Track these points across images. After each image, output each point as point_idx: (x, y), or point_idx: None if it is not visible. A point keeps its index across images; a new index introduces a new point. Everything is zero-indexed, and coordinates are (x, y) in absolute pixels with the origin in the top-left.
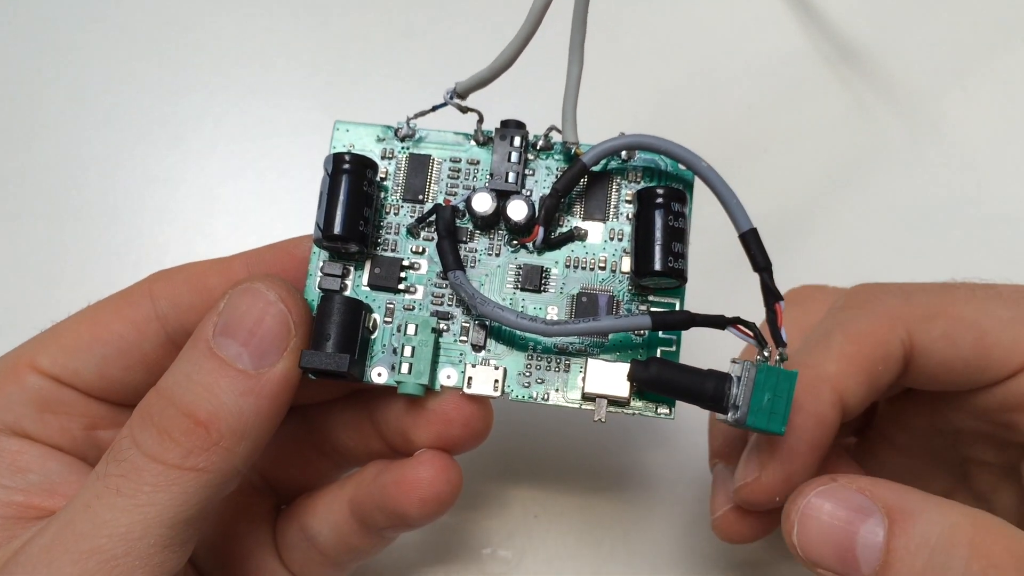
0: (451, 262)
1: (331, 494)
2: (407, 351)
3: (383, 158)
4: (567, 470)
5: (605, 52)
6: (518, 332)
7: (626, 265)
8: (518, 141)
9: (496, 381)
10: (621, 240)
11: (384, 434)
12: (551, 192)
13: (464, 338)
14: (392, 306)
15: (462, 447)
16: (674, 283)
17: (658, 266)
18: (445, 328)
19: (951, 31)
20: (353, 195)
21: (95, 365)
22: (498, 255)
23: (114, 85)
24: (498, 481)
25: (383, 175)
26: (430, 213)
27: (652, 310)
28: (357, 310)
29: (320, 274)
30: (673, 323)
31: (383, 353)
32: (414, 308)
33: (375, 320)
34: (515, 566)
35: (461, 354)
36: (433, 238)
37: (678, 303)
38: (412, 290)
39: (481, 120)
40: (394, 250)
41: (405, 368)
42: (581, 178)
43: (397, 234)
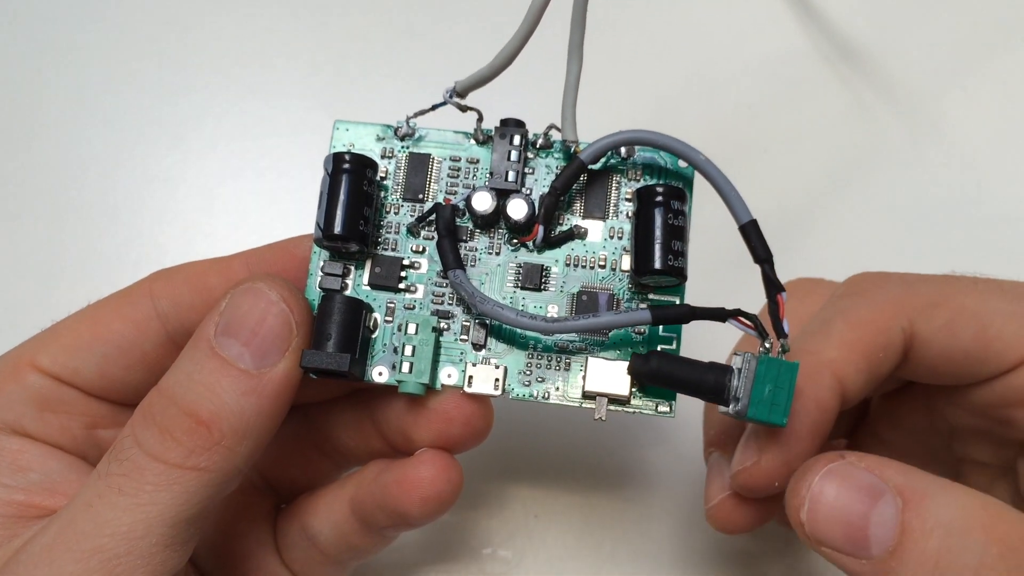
0: (451, 261)
1: (332, 493)
2: (408, 350)
3: (383, 157)
4: (567, 469)
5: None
6: (518, 331)
7: (626, 263)
8: (518, 140)
9: (497, 380)
10: (621, 238)
11: (385, 433)
12: (550, 190)
13: (465, 337)
14: (393, 305)
15: (463, 446)
16: (674, 281)
17: (658, 264)
18: (446, 327)
19: (951, 31)
20: (353, 195)
21: (96, 364)
22: (498, 254)
23: (114, 85)
24: (498, 480)
25: (383, 174)
26: (430, 212)
27: (652, 305)
28: (358, 309)
29: (321, 273)
30: (673, 317)
31: (384, 352)
32: (415, 307)
33: (376, 319)
34: (515, 566)
35: (462, 353)
36: (433, 237)
37: (678, 301)
38: (412, 289)
39: (481, 119)
40: (394, 249)
41: (406, 367)
42: (580, 176)
43: (397, 233)
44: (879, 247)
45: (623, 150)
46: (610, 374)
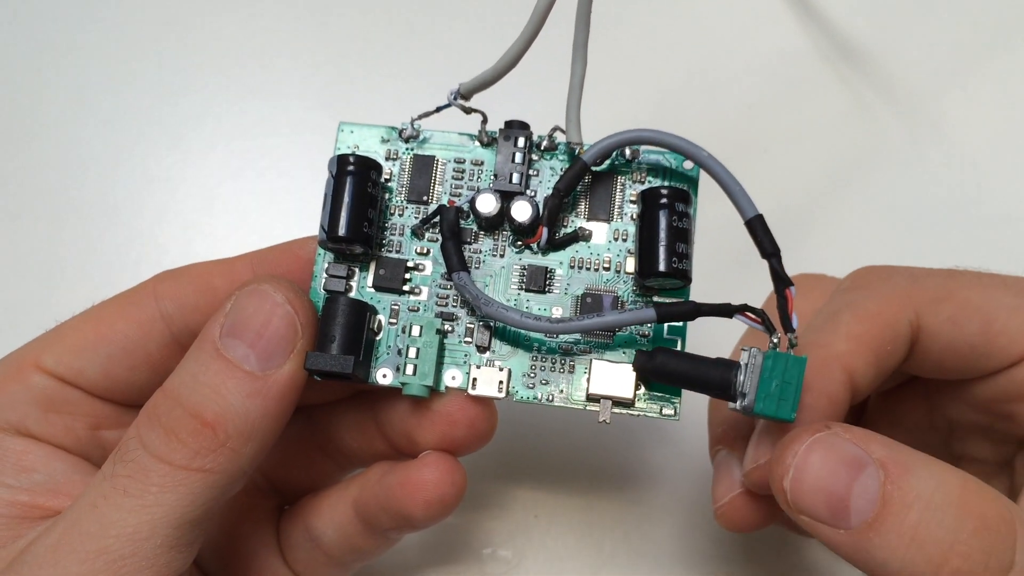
0: (455, 263)
1: (335, 495)
2: (412, 352)
3: (387, 159)
4: (567, 470)
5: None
6: (523, 333)
7: (630, 266)
8: (522, 142)
9: (501, 382)
10: (625, 240)
11: (388, 435)
12: (553, 192)
13: (468, 339)
14: (397, 307)
15: (466, 449)
16: (678, 284)
17: (662, 267)
18: (450, 329)
19: (951, 31)
20: (357, 197)
21: (100, 365)
22: (502, 256)
23: (114, 85)
24: (498, 481)
25: (387, 176)
26: (434, 214)
27: (657, 301)
28: (362, 312)
29: (325, 275)
30: (679, 314)
31: (388, 354)
32: (419, 309)
33: (380, 321)
34: (515, 566)
35: (466, 355)
36: (437, 239)
37: None
38: (417, 291)
39: (485, 121)
40: (398, 251)
41: (410, 369)
42: (583, 177)
43: (401, 235)
44: (879, 247)
45: (627, 152)
46: (614, 376)
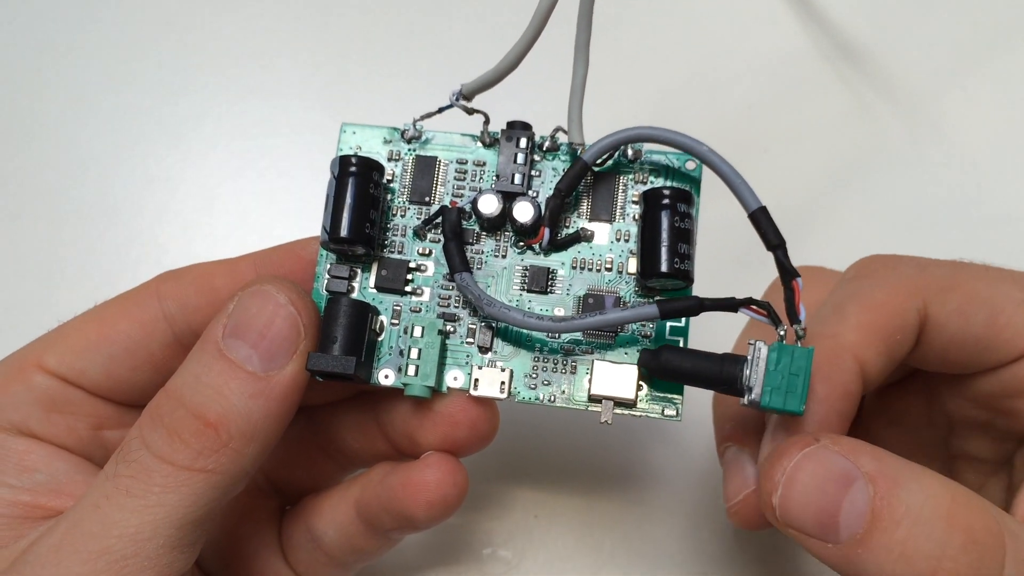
0: (457, 264)
1: (337, 495)
2: (414, 353)
3: (390, 160)
4: (568, 470)
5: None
6: (524, 333)
7: (632, 266)
8: (524, 142)
9: (503, 383)
10: (627, 241)
11: (390, 436)
12: (554, 192)
13: (471, 340)
14: (399, 308)
15: (468, 449)
16: (680, 284)
17: (664, 267)
18: (452, 330)
19: (951, 31)
20: (359, 198)
21: (102, 365)
22: (504, 256)
23: (114, 85)
24: (498, 481)
25: (390, 177)
26: (436, 215)
27: (659, 299)
28: (364, 312)
29: (327, 276)
30: (682, 309)
31: (390, 355)
32: (421, 310)
33: (382, 322)
34: (515, 566)
35: (468, 356)
36: (439, 240)
37: None
38: (419, 292)
39: (487, 121)
40: (401, 252)
41: (412, 370)
42: (583, 177)
43: (404, 236)
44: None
45: (630, 152)
46: (616, 377)
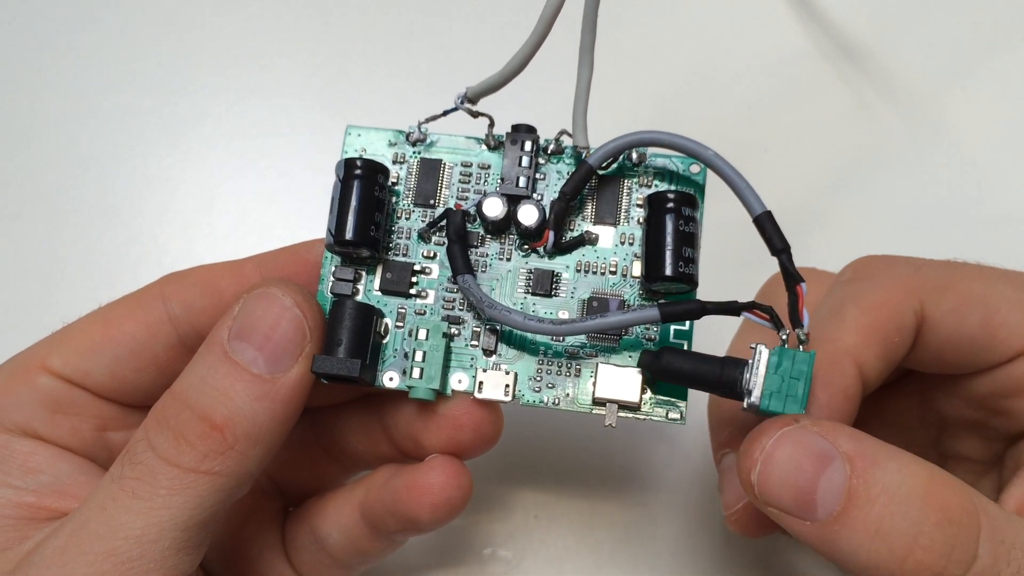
0: (460, 266)
1: (341, 497)
2: (418, 356)
3: (394, 163)
4: (568, 471)
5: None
6: (529, 337)
7: (637, 270)
8: (529, 145)
9: (507, 386)
10: (632, 244)
11: (394, 438)
12: (559, 195)
13: (475, 343)
14: (404, 311)
15: (472, 452)
16: (685, 288)
17: (668, 271)
18: (456, 333)
19: (951, 31)
20: (364, 200)
21: (107, 366)
22: (509, 259)
23: (114, 85)
24: (499, 481)
25: (394, 180)
26: (441, 218)
27: (661, 302)
28: (368, 315)
29: (332, 278)
30: (683, 313)
31: (394, 358)
32: (425, 313)
33: (387, 325)
34: (515, 566)
35: (472, 359)
36: (444, 243)
37: None
38: (423, 295)
39: (492, 124)
40: (406, 255)
41: (416, 373)
42: (588, 180)
43: (409, 239)
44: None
45: (635, 155)
46: (620, 380)
